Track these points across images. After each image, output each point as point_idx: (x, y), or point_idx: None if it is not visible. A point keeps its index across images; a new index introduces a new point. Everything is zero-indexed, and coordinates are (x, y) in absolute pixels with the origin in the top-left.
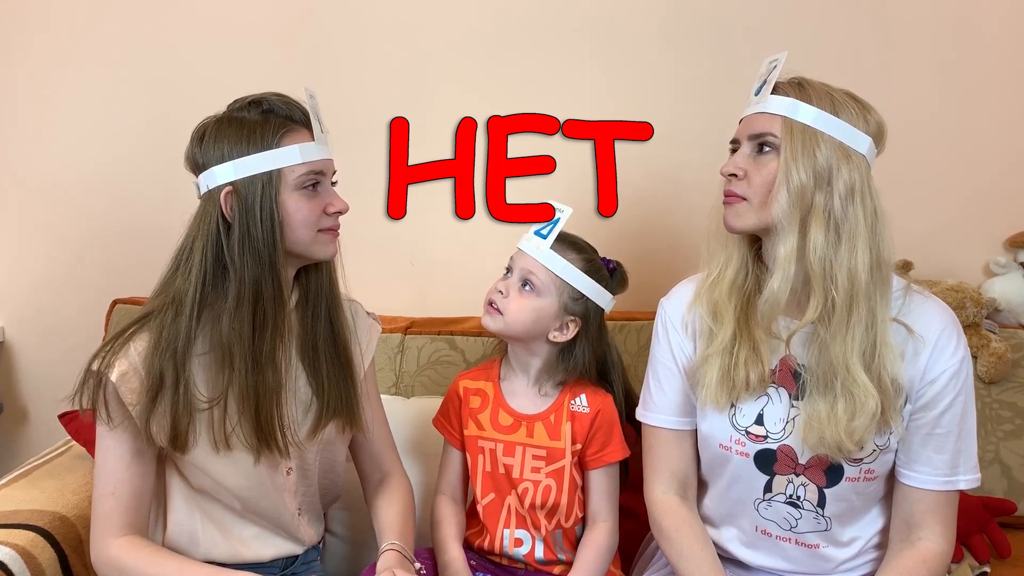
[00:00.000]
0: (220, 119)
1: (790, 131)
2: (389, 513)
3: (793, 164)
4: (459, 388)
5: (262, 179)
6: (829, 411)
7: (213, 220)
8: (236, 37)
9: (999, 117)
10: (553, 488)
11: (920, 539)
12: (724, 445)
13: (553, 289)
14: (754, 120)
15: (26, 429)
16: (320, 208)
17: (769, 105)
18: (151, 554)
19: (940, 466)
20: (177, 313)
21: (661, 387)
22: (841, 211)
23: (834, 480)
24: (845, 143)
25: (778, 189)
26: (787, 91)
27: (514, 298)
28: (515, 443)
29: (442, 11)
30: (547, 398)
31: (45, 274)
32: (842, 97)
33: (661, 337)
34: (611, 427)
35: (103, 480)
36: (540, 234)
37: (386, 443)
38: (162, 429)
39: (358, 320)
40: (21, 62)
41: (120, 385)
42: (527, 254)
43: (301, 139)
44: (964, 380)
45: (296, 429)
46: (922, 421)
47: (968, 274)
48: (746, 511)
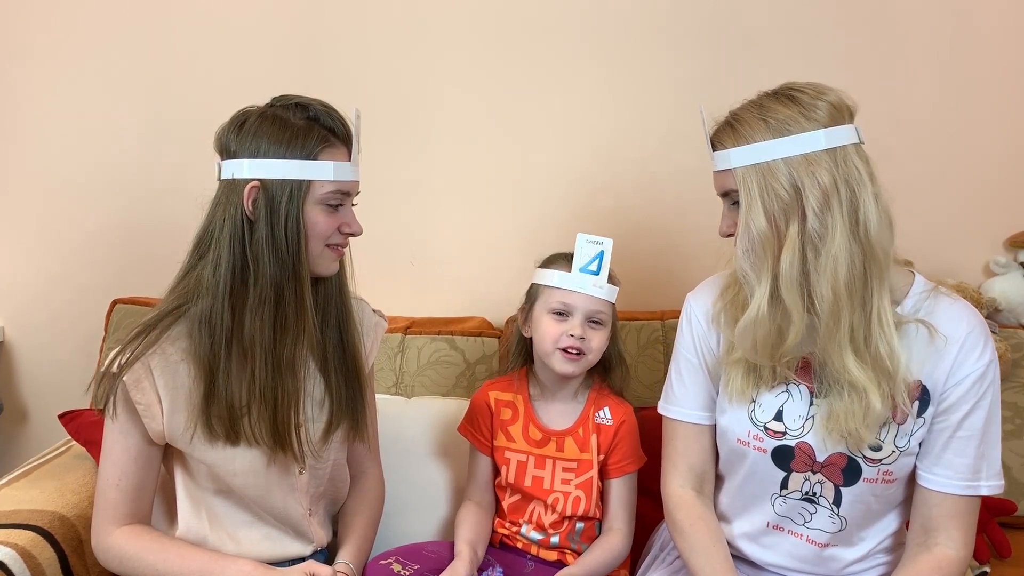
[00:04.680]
0: (264, 113)
1: (743, 181)
2: (355, 522)
3: (751, 217)
4: (489, 399)
5: (291, 185)
6: (845, 407)
7: (238, 211)
8: (236, 38)
9: (999, 117)
10: (583, 499)
11: (937, 544)
12: (742, 440)
13: (611, 315)
14: (715, 178)
15: (26, 429)
16: (336, 225)
17: (716, 163)
18: (153, 541)
19: (961, 470)
20: (213, 303)
21: (683, 381)
22: (819, 226)
23: (852, 480)
24: (801, 154)
25: (737, 245)
26: (724, 140)
27: (593, 337)
28: (546, 456)
29: (443, 12)
30: (575, 411)
31: (45, 274)
32: (776, 109)
33: (685, 332)
34: (633, 437)
35: (108, 471)
36: (591, 271)
37: (372, 442)
38: (188, 425)
39: (364, 320)
40: (21, 62)
41: (132, 387)
42: (587, 295)
43: (338, 156)
44: (990, 385)
45: (312, 432)
46: (945, 423)
47: (968, 274)
48: (761, 507)
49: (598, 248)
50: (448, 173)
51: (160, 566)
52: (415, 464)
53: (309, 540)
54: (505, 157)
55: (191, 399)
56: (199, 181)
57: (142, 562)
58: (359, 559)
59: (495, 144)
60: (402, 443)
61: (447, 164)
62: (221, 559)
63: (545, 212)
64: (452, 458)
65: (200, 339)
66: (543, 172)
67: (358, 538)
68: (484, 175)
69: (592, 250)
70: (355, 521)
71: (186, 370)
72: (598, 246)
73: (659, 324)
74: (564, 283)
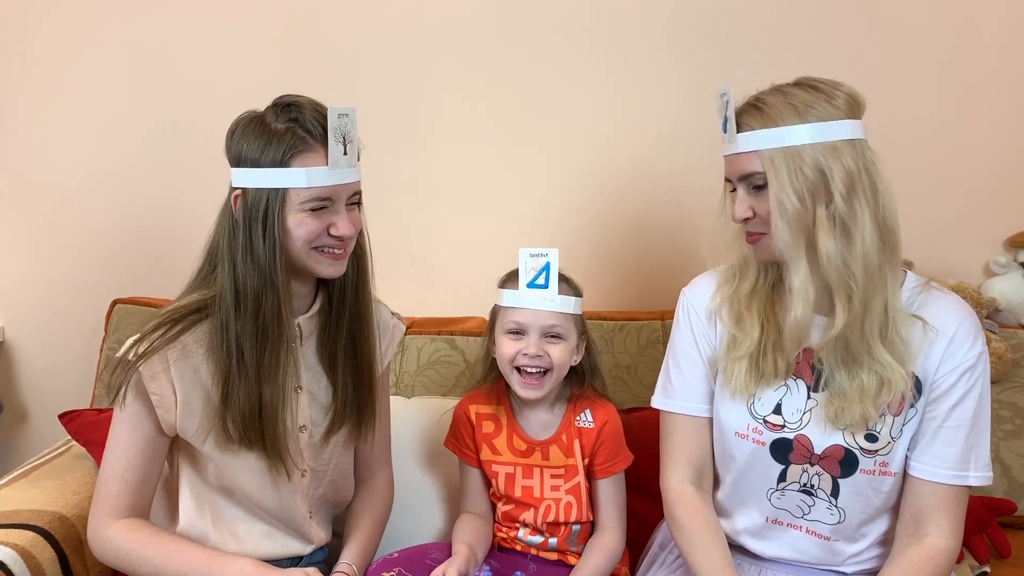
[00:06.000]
0: (251, 118)
1: (770, 163)
2: (361, 523)
3: (783, 195)
4: (470, 413)
5: (268, 193)
6: (857, 387)
7: (228, 219)
8: (237, 40)
9: (999, 117)
10: (574, 505)
11: (927, 535)
12: (741, 433)
13: (572, 326)
14: (734, 161)
15: (26, 429)
16: (323, 227)
17: (740, 144)
18: (152, 536)
19: (950, 459)
20: (236, 307)
21: (682, 374)
22: (847, 209)
23: (848, 471)
24: (826, 140)
25: (775, 224)
26: (750, 122)
27: (552, 351)
28: (532, 465)
29: (443, 13)
30: (556, 418)
31: (45, 274)
32: (802, 95)
33: (683, 325)
34: (616, 438)
35: (113, 462)
36: (538, 285)
37: (383, 444)
38: (204, 425)
39: (380, 322)
40: (21, 62)
41: (147, 378)
42: (538, 310)
43: (313, 161)
44: (979, 376)
45: (314, 435)
46: (934, 413)
47: (968, 274)
48: (758, 500)
49: (543, 260)
50: (448, 173)
51: (158, 562)
52: (415, 464)
53: (309, 541)
54: (505, 157)
55: (209, 401)
56: (199, 182)
57: (140, 556)
58: (363, 560)
59: (495, 144)
60: (402, 443)
61: (447, 164)
62: (221, 557)
63: (545, 212)
64: (452, 458)
65: (220, 343)
66: (543, 172)
67: (363, 539)
68: (484, 175)
69: (536, 263)
70: (361, 521)
71: (207, 371)
72: (542, 259)
73: (659, 324)
74: (513, 301)
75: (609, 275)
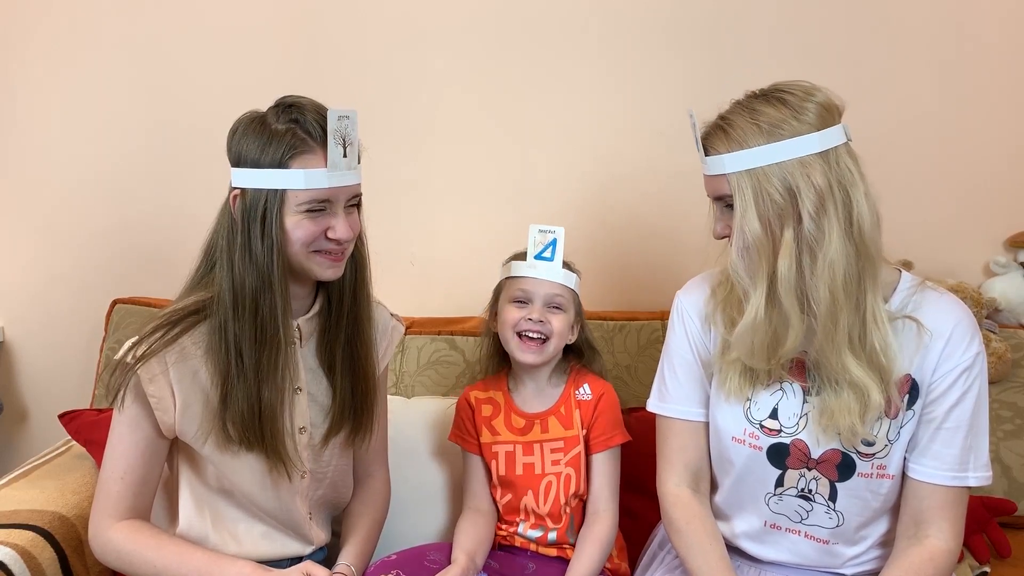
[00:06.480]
0: (253, 118)
1: (737, 187)
2: (359, 523)
3: (745, 222)
4: (470, 398)
5: (267, 194)
6: (840, 403)
7: (226, 218)
8: (236, 40)
9: (999, 117)
10: (573, 477)
11: (927, 536)
12: (737, 438)
13: (572, 302)
14: (708, 181)
15: (26, 429)
16: (321, 229)
17: (708, 167)
18: (152, 537)
19: (949, 461)
20: (234, 307)
21: (677, 377)
22: (814, 228)
23: (846, 475)
24: (795, 157)
25: (732, 254)
26: (716, 145)
27: (552, 320)
28: (532, 442)
29: (443, 13)
30: (555, 391)
31: (45, 274)
32: (768, 113)
33: (678, 328)
34: (614, 411)
35: (113, 464)
36: (544, 257)
37: (380, 445)
38: (204, 427)
39: (379, 324)
40: (21, 62)
41: (145, 380)
42: (544, 279)
43: (312, 163)
44: (977, 377)
45: (313, 437)
46: (932, 415)
47: (968, 274)
48: (756, 505)
49: (550, 236)
50: (448, 173)
51: (158, 563)
52: (415, 464)
53: (309, 541)
54: (505, 157)
55: (208, 403)
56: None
57: (140, 558)
58: (361, 561)
59: (495, 144)
60: (402, 443)
61: (447, 164)
62: (220, 559)
63: (545, 212)
64: (452, 458)
65: (218, 344)
66: (543, 172)
67: (361, 540)
68: (484, 175)
69: (544, 238)
70: (359, 522)
71: (206, 373)
72: (550, 234)
73: (659, 324)
74: (520, 271)
75: (609, 275)
